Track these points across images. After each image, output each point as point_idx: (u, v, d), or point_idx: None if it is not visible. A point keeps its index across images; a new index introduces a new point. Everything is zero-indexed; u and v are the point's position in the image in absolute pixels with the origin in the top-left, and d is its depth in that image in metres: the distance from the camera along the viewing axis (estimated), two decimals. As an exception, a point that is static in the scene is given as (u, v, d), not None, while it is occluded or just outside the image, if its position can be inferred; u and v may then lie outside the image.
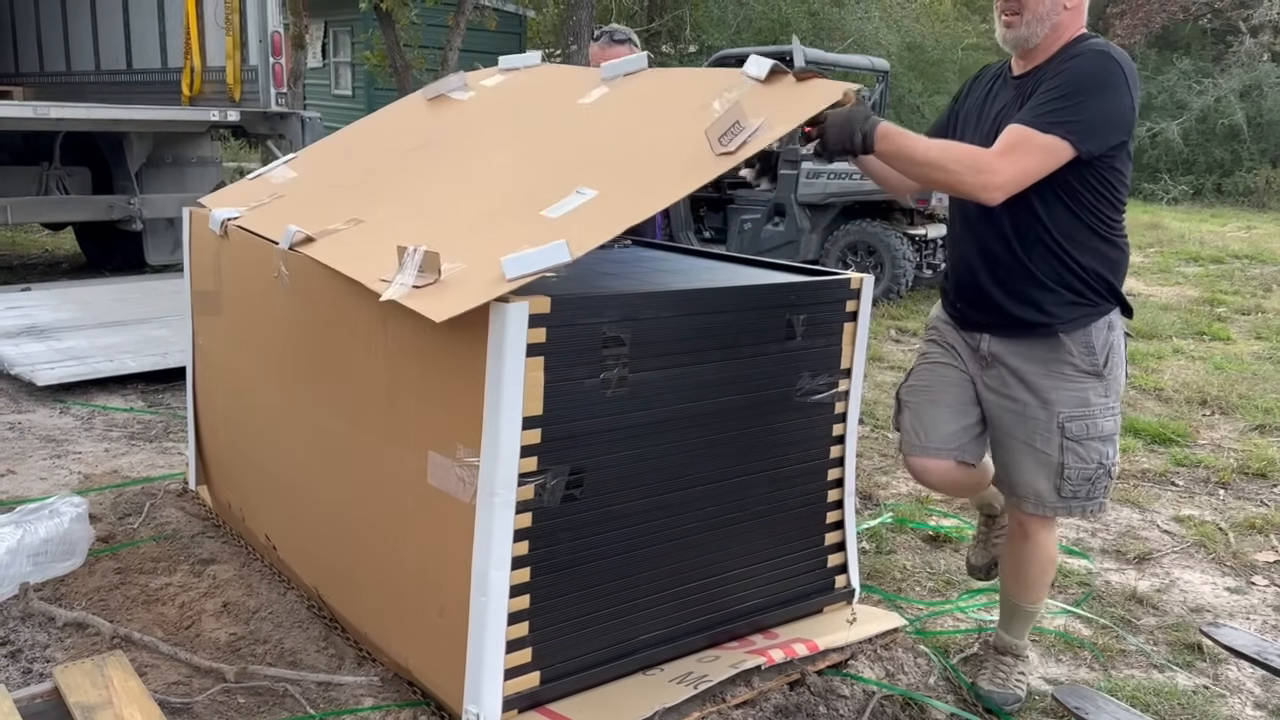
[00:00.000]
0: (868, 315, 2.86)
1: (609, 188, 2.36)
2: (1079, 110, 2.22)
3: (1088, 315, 2.37)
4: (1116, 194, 2.35)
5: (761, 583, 2.79)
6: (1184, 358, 6.50)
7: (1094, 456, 2.42)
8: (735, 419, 2.62)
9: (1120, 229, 2.40)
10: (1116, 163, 2.32)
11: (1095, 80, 2.24)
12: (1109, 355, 2.39)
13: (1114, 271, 2.40)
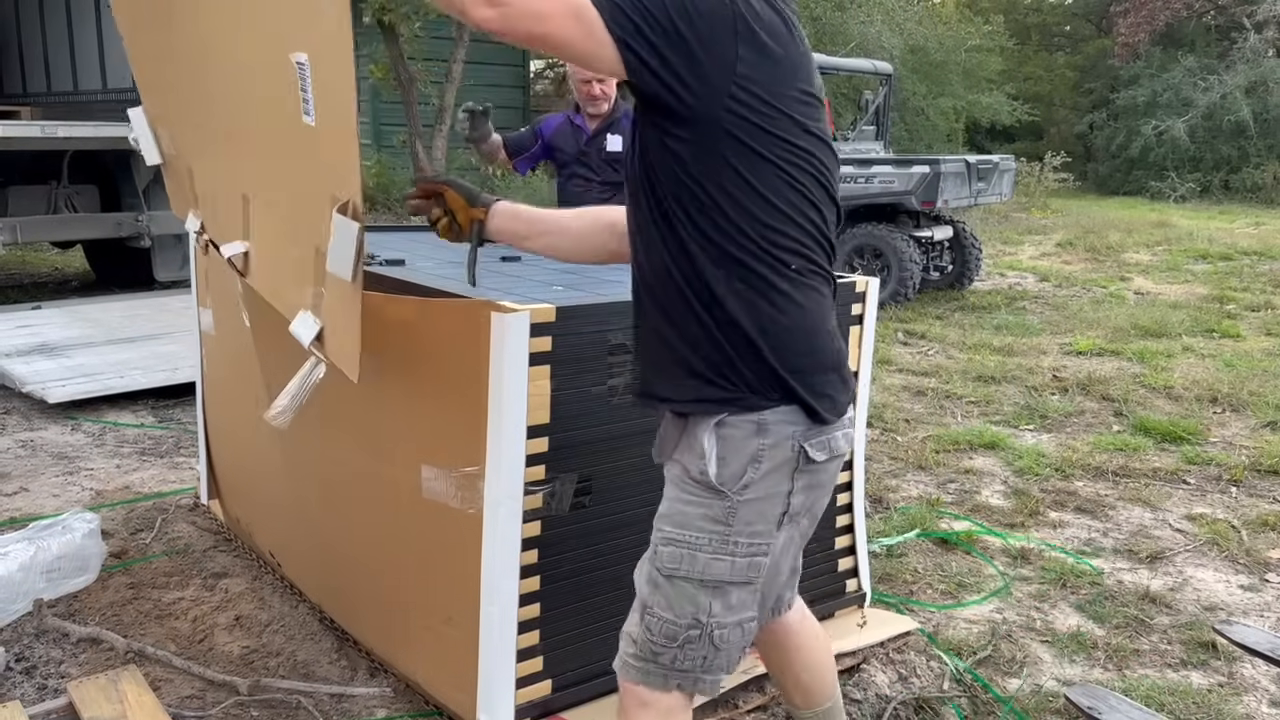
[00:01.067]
0: (874, 318, 2.87)
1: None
2: None
3: (711, 403, 1.60)
4: (766, 195, 1.52)
5: (772, 588, 2.78)
6: (1194, 355, 6.48)
7: (685, 607, 1.65)
8: (743, 424, 2.61)
9: (801, 268, 1.57)
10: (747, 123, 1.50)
11: None
12: (744, 471, 1.60)
13: (780, 342, 1.56)
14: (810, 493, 1.70)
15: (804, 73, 1.59)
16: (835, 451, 1.69)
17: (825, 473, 1.71)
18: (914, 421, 5.13)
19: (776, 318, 1.57)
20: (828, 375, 1.64)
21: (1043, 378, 5.90)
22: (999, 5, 26.67)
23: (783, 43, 1.55)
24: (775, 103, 1.53)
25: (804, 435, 1.62)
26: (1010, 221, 14.44)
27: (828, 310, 1.66)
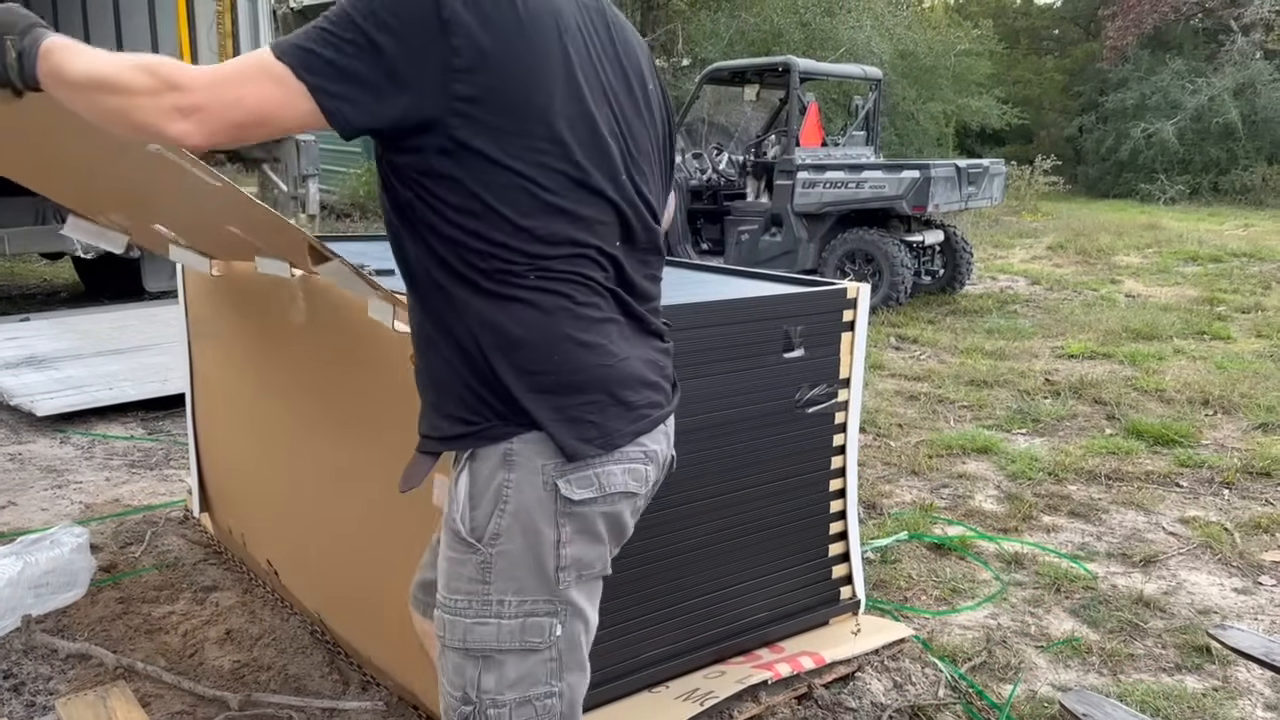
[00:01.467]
0: (865, 324, 2.86)
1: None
2: None
3: (459, 436, 1.41)
4: (497, 205, 1.32)
5: (766, 596, 2.77)
6: (1185, 358, 6.49)
7: (457, 680, 1.43)
8: (735, 432, 2.61)
9: (548, 278, 1.36)
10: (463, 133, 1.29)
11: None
12: (494, 517, 1.37)
13: (516, 358, 1.36)
14: (591, 541, 1.41)
15: (574, 63, 1.35)
16: (609, 488, 1.40)
17: (605, 515, 1.42)
18: (907, 426, 5.13)
19: (509, 329, 1.35)
20: (589, 397, 1.38)
21: (1035, 381, 5.90)
22: (988, 9, 26.80)
23: (532, 31, 1.30)
24: (517, 100, 1.30)
25: (558, 469, 1.37)
26: (1001, 225, 14.47)
27: (597, 324, 1.40)
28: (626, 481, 1.43)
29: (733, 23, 15.08)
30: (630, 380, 1.43)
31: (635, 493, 1.46)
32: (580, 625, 1.46)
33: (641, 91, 1.50)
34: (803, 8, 15.32)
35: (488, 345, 1.36)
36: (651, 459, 1.48)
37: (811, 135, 8.80)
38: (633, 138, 1.45)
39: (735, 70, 9.13)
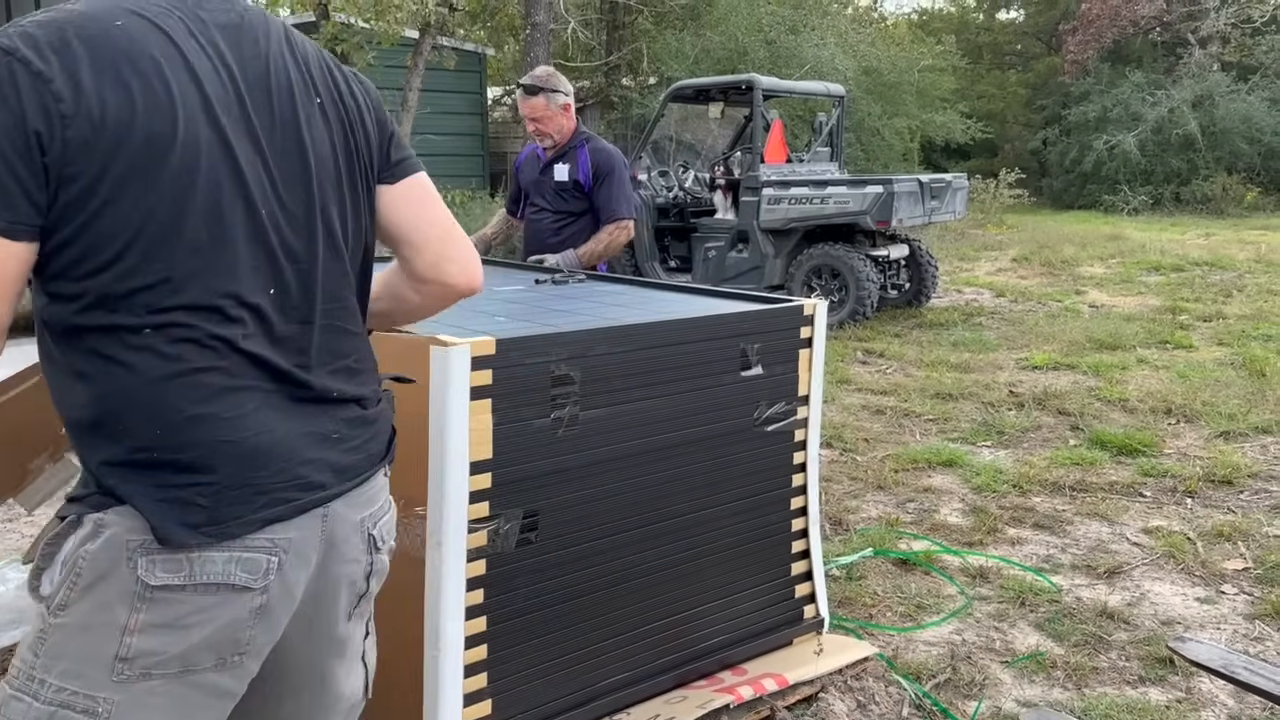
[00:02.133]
0: (823, 341, 2.85)
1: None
2: None
3: (70, 500, 1.25)
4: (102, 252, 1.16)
5: (728, 618, 2.75)
6: (1148, 367, 6.54)
7: None
8: (693, 452, 2.59)
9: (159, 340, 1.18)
10: None
11: None
12: (64, 586, 1.20)
13: (112, 425, 1.19)
14: (171, 635, 1.19)
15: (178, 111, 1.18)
16: (200, 577, 1.19)
17: (199, 609, 1.20)
18: (873, 441, 5.13)
19: (104, 397, 1.18)
20: (199, 477, 1.19)
21: (1000, 393, 5.92)
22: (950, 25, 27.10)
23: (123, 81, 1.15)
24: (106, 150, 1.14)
25: (144, 547, 1.18)
26: (967, 238, 14.58)
27: (222, 392, 1.22)
28: (231, 572, 1.20)
29: (698, 41, 15.14)
30: (265, 458, 1.23)
31: (247, 587, 1.22)
32: None
33: (290, 111, 1.29)
34: (767, 26, 15.40)
35: (81, 404, 1.20)
36: (285, 551, 1.25)
37: (776, 152, 8.84)
38: (275, 167, 1.26)
39: (699, 88, 9.15)
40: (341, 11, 11.44)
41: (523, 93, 3.93)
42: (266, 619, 1.26)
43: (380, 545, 1.44)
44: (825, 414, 5.54)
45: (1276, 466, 4.59)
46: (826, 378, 6.33)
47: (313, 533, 1.29)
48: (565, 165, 3.99)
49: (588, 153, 4.00)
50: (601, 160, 4.01)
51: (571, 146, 4.01)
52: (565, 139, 3.98)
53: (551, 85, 3.92)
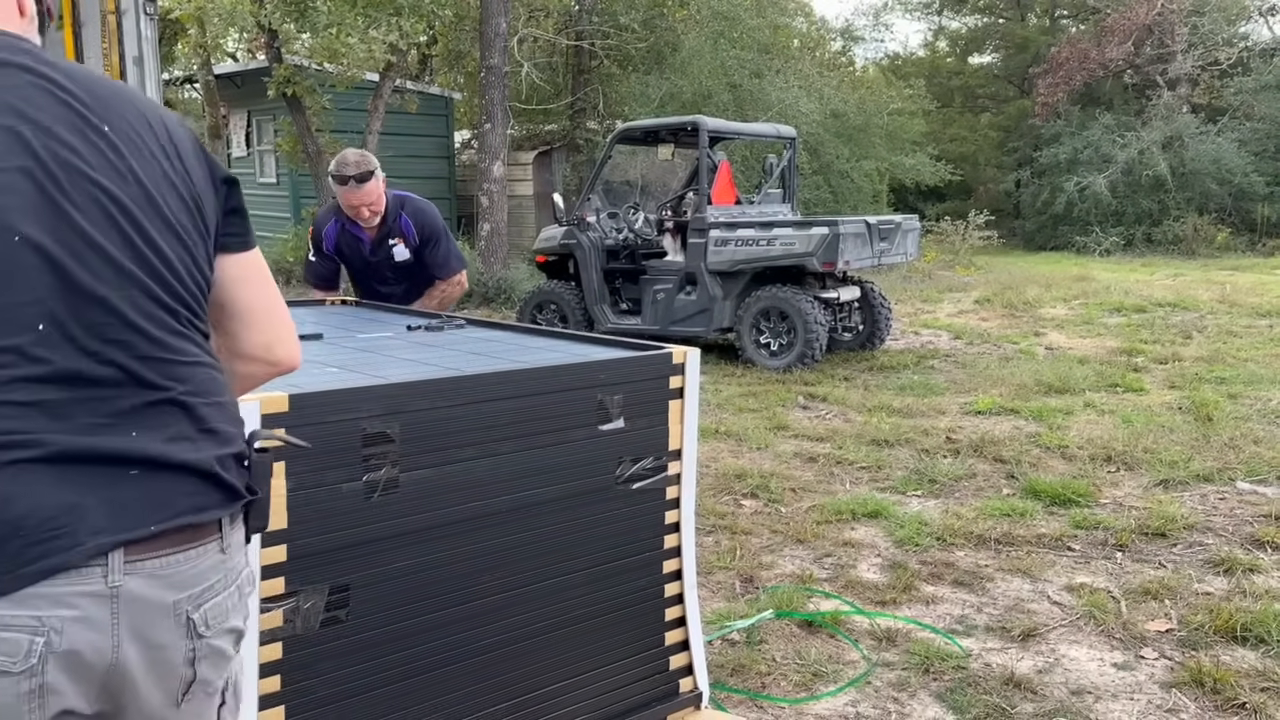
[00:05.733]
0: (696, 391, 2.65)
1: None
2: None
3: None
4: None
5: (590, 695, 2.52)
6: (1094, 412, 6.36)
7: None
8: (542, 514, 2.37)
9: None
10: None
11: None
12: None
13: None
14: None
15: None
16: None
17: None
18: (800, 491, 4.91)
19: None
20: None
21: (937, 440, 5.72)
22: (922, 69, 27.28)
23: None
24: None
25: None
26: (934, 280, 14.47)
27: None
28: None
29: (663, 84, 15.11)
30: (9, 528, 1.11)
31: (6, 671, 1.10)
32: None
33: None
34: (731, 70, 15.39)
35: None
36: (57, 631, 1.12)
37: (724, 193, 8.71)
38: None
39: (647, 130, 9.03)
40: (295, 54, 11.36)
41: (354, 184, 3.73)
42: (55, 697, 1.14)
43: (205, 629, 1.26)
44: (756, 463, 5.34)
45: (1214, 517, 4.40)
46: (762, 424, 6.15)
47: None
48: (397, 243, 3.93)
49: (409, 220, 3.95)
50: (425, 223, 3.97)
51: (392, 220, 3.91)
52: (386, 213, 3.89)
53: (373, 164, 3.81)
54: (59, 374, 1.15)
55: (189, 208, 1.29)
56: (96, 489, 1.15)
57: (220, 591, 1.27)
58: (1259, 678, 2.99)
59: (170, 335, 1.25)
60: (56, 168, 1.17)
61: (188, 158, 1.31)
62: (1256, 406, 6.36)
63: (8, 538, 1.10)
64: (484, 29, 11.89)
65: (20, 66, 1.20)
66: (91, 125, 1.21)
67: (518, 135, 16.06)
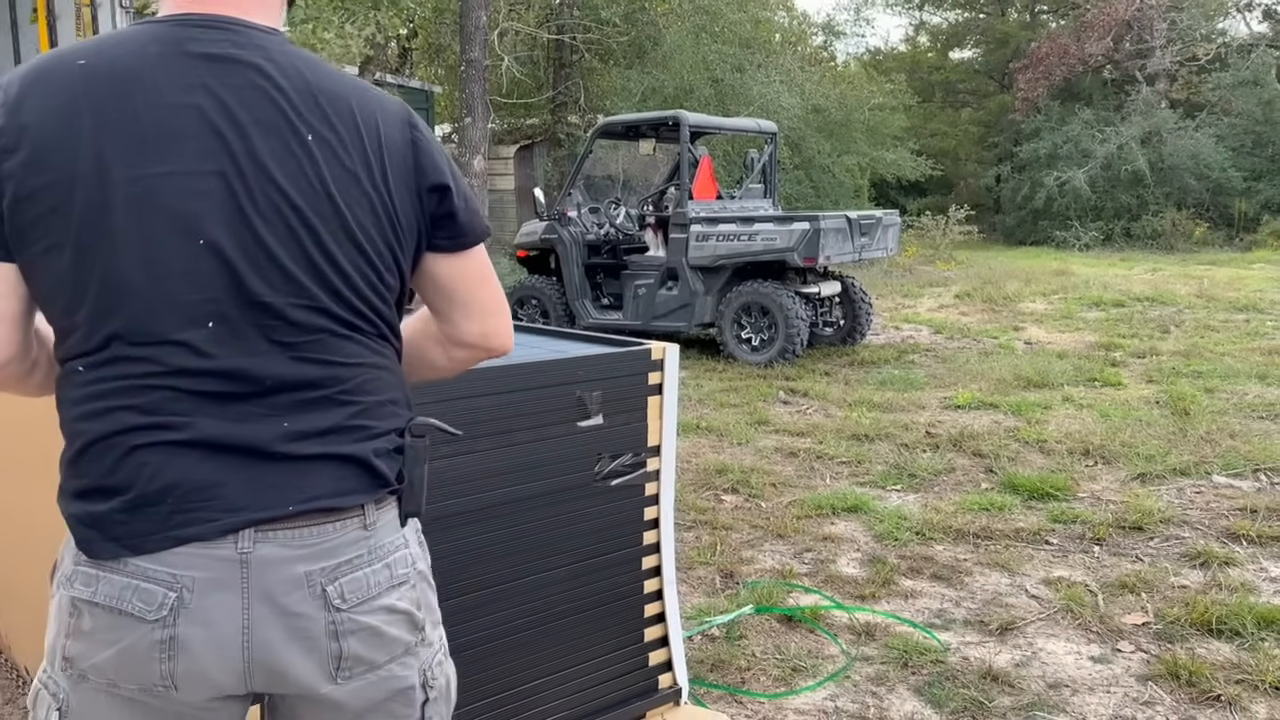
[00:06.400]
0: (675, 387, 2.65)
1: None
2: None
3: None
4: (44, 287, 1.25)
5: (569, 691, 2.52)
6: (1072, 406, 6.39)
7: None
8: (521, 511, 2.37)
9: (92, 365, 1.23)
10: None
11: None
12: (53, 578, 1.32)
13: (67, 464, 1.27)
14: (89, 646, 1.23)
15: None
16: (104, 599, 1.22)
17: (100, 622, 1.23)
18: (781, 485, 4.92)
19: (62, 421, 1.27)
20: (96, 499, 1.23)
21: (917, 434, 5.74)
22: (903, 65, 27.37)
23: None
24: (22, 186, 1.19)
25: (74, 559, 1.25)
26: (914, 275, 14.52)
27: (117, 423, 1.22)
28: (126, 599, 1.21)
29: (644, 79, 15.09)
30: (163, 485, 1.23)
31: (137, 612, 1.20)
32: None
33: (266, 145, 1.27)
34: (713, 65, 15.39)
35: None
36: (189, 588, 1.21)
37: (705, 188, 8.70)
38: None
39: (628, 125, 9.02)
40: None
41: None
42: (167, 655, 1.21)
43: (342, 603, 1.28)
44: (737, 458, 5.35)
45: (1190, 511, 4.43)
46: (744, 419, 6.15)
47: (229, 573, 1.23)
48: None
49: None
50: None
51: None
52: None
53: None
54: (223, 369, 1.23)
55: (380, 219, 1.32)
56: (240, 470, 1.23)
57: (362, 567, 1.29)
58: (1234, 670, 3.01)
59: (334, 339, 1.30)
60: (250, 174, 1.23)
61: (394, 167, 1.33)
62: (1233, 400, 6.41)
63: (157, 503, 1.21)
64: (464, 22, 11.84)
65: (248, 64, 1.25)
66: (295, 132, 1.25)
67: (498, 129, 16.01)
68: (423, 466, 1.38)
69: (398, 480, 1.34)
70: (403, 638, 1.33)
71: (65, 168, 1.18)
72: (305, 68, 1.28)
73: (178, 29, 1.25)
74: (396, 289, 1.37)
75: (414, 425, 1.38)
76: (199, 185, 1.21)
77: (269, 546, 1.23)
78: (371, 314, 1.33)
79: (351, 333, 1.32)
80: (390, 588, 1.31)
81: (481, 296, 1.45)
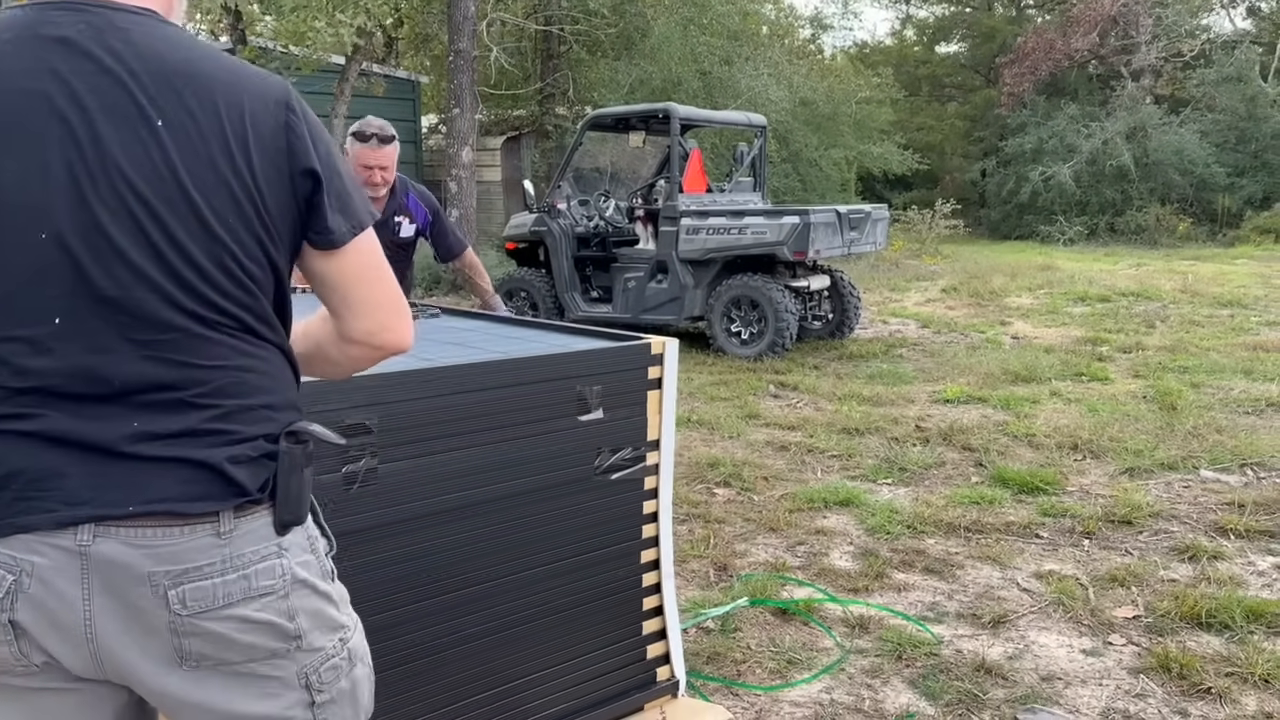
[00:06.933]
0: (674, 381, 2.66)
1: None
2: None
3: None
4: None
5: (569, 684, 2.53)
6: (1060, 401, 6.44)
7: None
8: (521, 505, 2.37)
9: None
10: None
11: None
12: None
13: None
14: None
15: None
16: None
17: None
18: (773, 479, 4.94)
19: None
20: None
21: (907, 428, 5.77)
22: (889, 58, 27.40)
23: None
24: None
25: None
26: (901, 269, 14.57)
27: None
28: None
29: (632, 71, 15.06)
30: None
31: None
32: None
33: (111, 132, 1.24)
34: (701, 57, 15.36)
35: None
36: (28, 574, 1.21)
37: (695, 181, 8.71)
38: None
39: (617, 117, 9.01)
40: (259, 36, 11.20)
41: (376, 143, 3.69)
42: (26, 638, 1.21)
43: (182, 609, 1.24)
44: (728, 451, 5.36)
45: (1178, 506, 4.47)
46: (734, 413, 6.17)
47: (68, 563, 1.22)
48: (403, 220, 3.87)
49: (416, 199, 3.92)
50: (431, 204, 3.99)
51: (400, 197, 3.89)
52: (391, 189, 3.87)
53: (395, 134, 3.78)
54: (69, 368, 1.20)
55: (242, 207, 1.26)
56: (84, 465, 1.21)
57: (212, 576, 1.25)
58: (1224, 663, 3.05)
59: (191, 338, 1.25)
60: (94, 163, 1.19)
61: (261, 151, 1.27)
62: (1219, 396, 6.47)
63: (1, 489, 1.19)
64: (452, 12, 11.79)
65: (100, 47, 1.21)
66: (145, 118, 1.21)
67: (485, 120, 15.95)
68: (300, 474, 1.32)
69: (262, 489, 1.28)
70: (263, 644, 1.29)
71: None
72: (168, 50, 1.24)
73: (35, 12, 1.22)
74: (267, 281, 1.31)
75: (292, 430, 1.32)
76: (42, 176, 1.18)
77: (110, 543, 1.20)
78: (236, 308, 1.28)
79: (211, 331, 1.26)
80: (246, 599, 1.27)
81: (365, 294, 1.38)
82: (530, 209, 8.91)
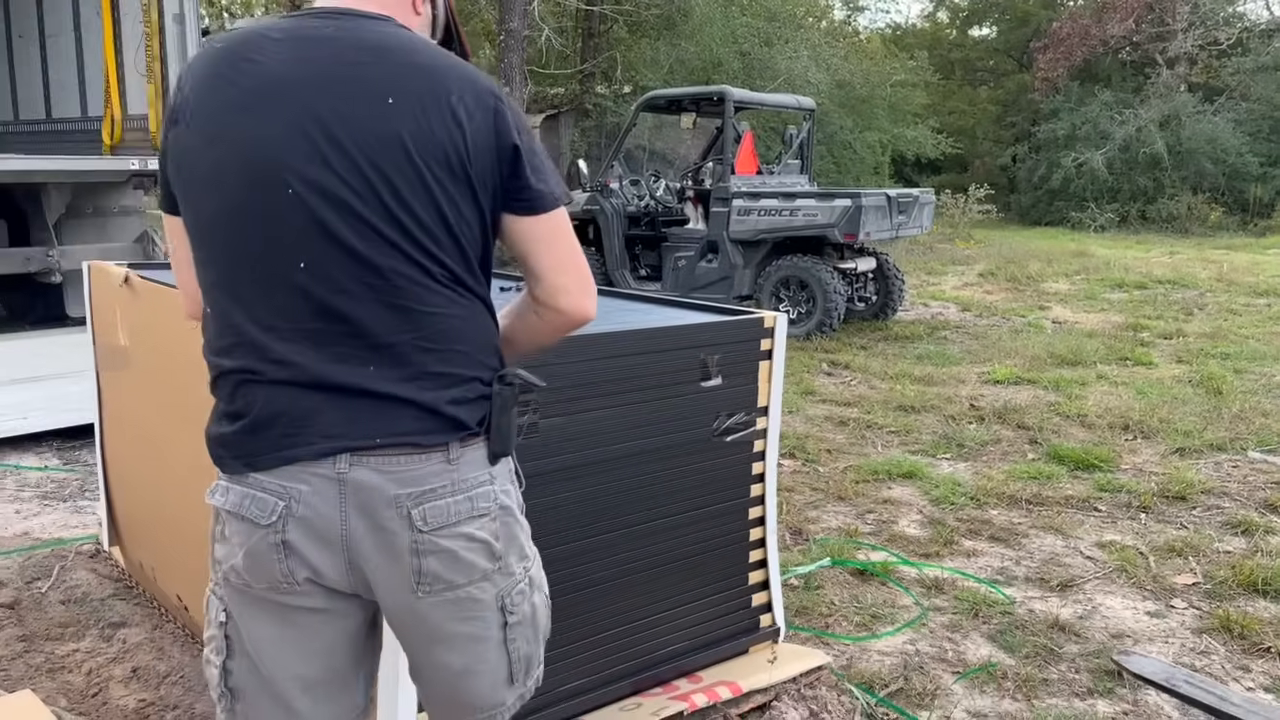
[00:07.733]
0: (783, 352, 2.87)
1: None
2: None
3: None
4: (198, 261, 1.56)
5: (684, 626, 2.76)
6: (1108, 383, 6.63)
7: None
8: (650, 462, 2.60)
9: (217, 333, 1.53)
10: None
11: None
12: None
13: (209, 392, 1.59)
14: (225, 546, 1.50)
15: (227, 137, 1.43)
16: (231, 506, 1.46)
17: (232, 527, 1.48)
18: (835, 452, 5.17)
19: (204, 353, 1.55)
20: (225, 422, 1.48)
21: (961, 407, 5.98)
22: (923, 41, 27.36)
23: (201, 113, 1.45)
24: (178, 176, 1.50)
25: (218, 475, 1.51)
26: (935, 252, 14.71)
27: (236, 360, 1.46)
28: (246, 507, 1.45)
29: (673, 51, 15.20)
30: (257, 412, 1.46)
31: (259, 519, 1.43)
32: (237, 629, 1.50)
33: None
34: (741, 38, 15.50)
35: None
36: (296, 499, 1.43)
37: (746, 163, 8.89)
38: None
39: (672, 99, 9.20)
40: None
41: None
42: (283, 555, 1.43)
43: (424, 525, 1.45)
44: (789, 425, 5.58)
45: (1229, 483, 4.68)
46: (791, 389, 6.38)
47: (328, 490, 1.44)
48: None
49: None
50: None
51: None
52: None
53: None
54: (320, 309, 1.41)
55: (454, 172, 1.44)
56: (336, 404, 1.42)
57: (444, 496, 1.46)
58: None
59: (414, 286, 1.44)
60: (339, 130, 1.40)
61: (471, 127, 1.45)
62: (1261, 382, 6.65)
63: (269, 426, 1.42)
64: (504, -8, 11.97)
65: (335, 47, 1.44)
66: (380, 95, 1.42)
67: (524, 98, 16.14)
68: (509, 412, 1.51)
69: (479, 424, 1.47)
70: (479, 564, 1.49)
71: None
72: (398, 45, 1.46)
73: (297, 19, 1.48)
74: (475, 239, 1.48)
75: (503, 374, 1.51)
76: (292, 138, 1.40)
77: (362, 470, 1.41)
78: (451, 260, 1.46)
79: (430, 280, 1.44)
80: (470, 518, 1.47)
81: (554, 259, 1.54)
82: (583, 188, 9.11)
